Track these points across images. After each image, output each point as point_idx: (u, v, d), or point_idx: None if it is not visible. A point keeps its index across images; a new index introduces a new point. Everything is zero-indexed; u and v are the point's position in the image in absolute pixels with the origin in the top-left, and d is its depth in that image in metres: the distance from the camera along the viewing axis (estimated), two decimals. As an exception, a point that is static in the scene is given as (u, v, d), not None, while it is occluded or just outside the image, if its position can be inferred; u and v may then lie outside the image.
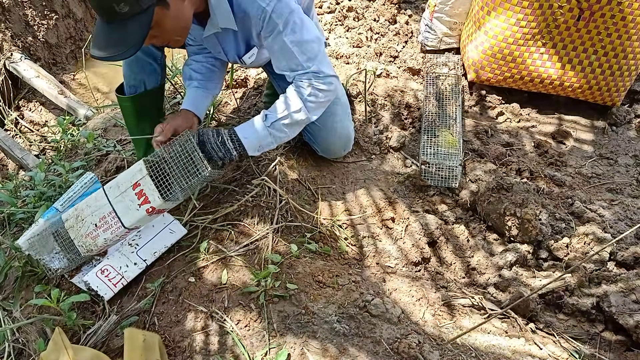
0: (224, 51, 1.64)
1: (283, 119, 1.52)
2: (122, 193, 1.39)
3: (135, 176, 1.39)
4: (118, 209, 1.38)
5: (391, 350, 1.19)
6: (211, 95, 1.77)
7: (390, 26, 2.78)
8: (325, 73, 1.50)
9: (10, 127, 2.93)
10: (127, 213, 1.37)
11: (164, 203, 1.36)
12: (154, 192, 1.35)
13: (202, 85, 1.72)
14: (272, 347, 1.20)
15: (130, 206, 1.37)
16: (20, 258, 1.47)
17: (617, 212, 1.82)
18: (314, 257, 1.43)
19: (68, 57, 3.47)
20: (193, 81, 1.73)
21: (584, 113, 2.39)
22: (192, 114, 1.64)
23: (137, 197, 1.37)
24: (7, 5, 3.07)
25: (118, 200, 1.39)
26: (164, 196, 1.35)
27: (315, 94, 1.50)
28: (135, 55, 1.65)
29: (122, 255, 1.44)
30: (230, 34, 1.54)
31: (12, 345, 1.28)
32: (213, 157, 1.49)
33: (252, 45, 1.60)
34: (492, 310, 1.47)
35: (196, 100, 1.68)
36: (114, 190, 1.40)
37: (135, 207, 1.37)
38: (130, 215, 1.37)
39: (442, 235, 1.74)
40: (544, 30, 2.11)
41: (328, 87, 1.52)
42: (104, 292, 1.38)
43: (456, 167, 1.84)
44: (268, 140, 1.54)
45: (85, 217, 1.41)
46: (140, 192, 1.37)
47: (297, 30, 1.44)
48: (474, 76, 2.35)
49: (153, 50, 1.65)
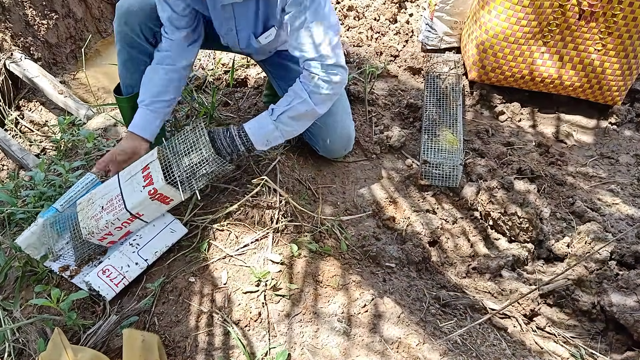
0: (235, 29, 1.57)
1: (289, 112, 1.51)
2: (131, 177, 1.42)
3: (146, 160, 1.44)
4: (125, 192, 1.40)
5: (392, 350, 1.19)
6: (162, 116, 1.64)
7: (390, 25, 2.78)
8: (336, 62, 1.47)
9: (10, 127, 2.93)
10: (132, 195, 1.38)
11: (166, 187, 1.36)
12: (159, 174, 1.37)
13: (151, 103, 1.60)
14: (272, 347, 1.20)
15: (135, 188, 1.39)
16: (20, 258, 1.47)
17: (618, 211, 1.82)
18: (314, 257, 1.43)
19: (68, 56, 3.47)
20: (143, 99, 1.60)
21: (584, 112, 2.38)
22: (138, 138, 1.58)
23: (143, 180, 1.39)
24: (7, 5, 3.07)
25: (127, 184, 1.41)
26: (167, 178, 1.37)
27: (322, 85, 1.47)
28: (130, 54, 1.65)
29: (123, 255, 1.44)
30: (251, 6, 1.49)
31: (12, 345, 1.28)
32: (222, 152, 1.50)
33: (270, 25, 1.56)
34: (493, 309, 1.46)
35: (144, 122, 1.59)
36: (126, 174, 1.44)
37: (139, 188, 1.38)
38: (133, 197, 1.38)
39: (443, 235, 1.74)
40: (545, 30, 2.11)
41: (335, 79, 1.48)
42: (105, 292, 1.38)
43: (457, 167, 1.83)
44: (275, 134, 1.53)
45: (96, 200, 1.44)
46: (147, 175, 1.40)
47: (321, 12, 1.43)
48: (475, 75, 2.34)
49: (148, 48, 1.64)
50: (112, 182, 1.46)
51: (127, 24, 1.58)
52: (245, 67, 2.54)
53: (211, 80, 2.51)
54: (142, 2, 1.57)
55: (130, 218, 1.39)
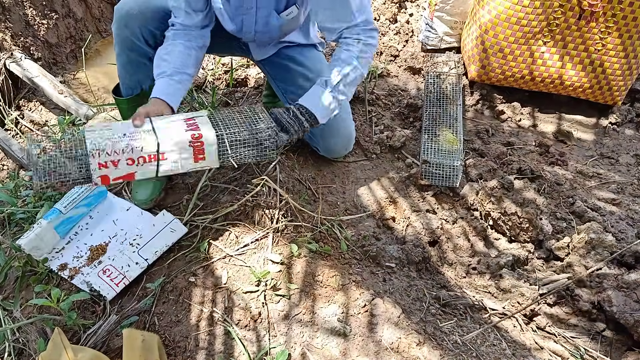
0: (256, 7, 1.55)
1: (343, 80, 1.52)
2: (171, 120, 1.31)
3: (190, 114, 1.35)
4: (159, 129, 1.27)
5: (392, 350, 1.19)
6: (186, 86, 1.57)
7: (390, 25, 2.78)
8: (372, 25, 1.52)
9: (10, 126, 2.92)
10: (167, 132, 1.26)
11: (213, 140, 1.28)
12: (208, 128, 1.28)
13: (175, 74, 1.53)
14: (272, 347, 1.20)
15: (173, 129, 1.27)
16: (20, 258, 1.47)
17: (618, 211, 1.82)
18: (314, 257, 1.43)
19: (68, 56, 3.46)
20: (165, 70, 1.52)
21: (585, 112, 2.38)
22: (164, 103, 1.45)
23: (186, 125, 1.29)
24: (7, 5, 3.06)
25: (162, 124, 1.30)
26: (218, 134, 1.29)
27: (365, 49, 1.52)
28: (129, 57, 1.63)
29: (123, 255, 1.44)
30: None
31: (13, 345, 1.28)
32: (290, 130, 1.47)
33: (291, 3, 1.56)
34: (493, 310, 1.46)
35: (169, 89, 1.49)
36: (161, 119, 1.33)
37: (181, 130, 1.27)
38: (169, 134, 1.26)
39: (443, 235, 1.74)
40: (545, 29, 2.11)
41: (374, 42, 1.54)
42: (106, 292, 1.38)
43: (457, 167, 1.83)
44: (334, 105, 1.54)
45: (116, 128, 1.30)
46: (192, 123, 1.29)
47: None
48: (475, 75, 2.34)
49: (147, 50, 1.63)
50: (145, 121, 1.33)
51: (127, 27, 1.56)
52: (245, 67, 2.54)
53: (211, 80, 2.51)
54: (142, 6, 1.56)
55: (152, 155, 1.25)
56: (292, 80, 1.79)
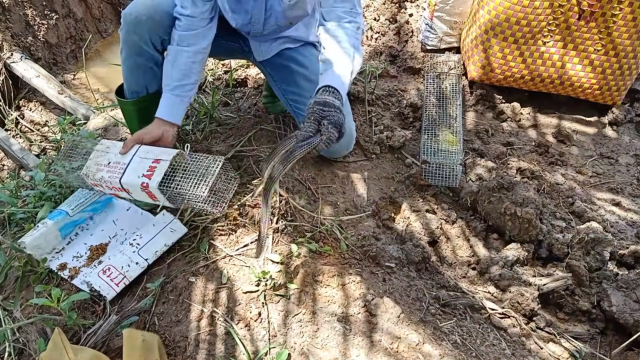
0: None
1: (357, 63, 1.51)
2: (145, 159, 1.47)
3: (163, 154, 1.47)
4: (130, 166, 1.46)
5: (391, 350, 1.19)
6: (187, 99, 1.66)
7: (390, 25, 2.78)
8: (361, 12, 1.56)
9: (10, 127, 2.92)
10: (132, 173, 1.44)
11: (156, 189, 1.40)
12: (159, 176, 1.40)
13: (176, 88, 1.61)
14: (272, 347, 1.20)
15: (138, 170, 1.44)
16: (20, 258, 1.47)
17: (617, 211, 1.82)
18: (314, 257, 1.43)
19: (68, 57, 3.46)
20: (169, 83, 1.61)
21: (584, 112, 2.38)
22: (166, 123, 1.60)
23: (147, 169, 1.43)
24: (7, 5, 3.06)
25: (136, 161, 1.47)
26: (161, 185, 1.40)
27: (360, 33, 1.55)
28: (137, 62, 1.65)
29: (123, 254, 1.44)
30: None
31: (13, 345, 1.28)
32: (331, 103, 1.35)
33: None
34: (493, 309, 1.46)
35: (171, 108, 1.61)
36: (143, 153, 1.49)
37: (139, 174, 1.43)
38: (131, 176, 1.43)
39: (443, 235, 1.74)
40: (545, 30, 2.11)
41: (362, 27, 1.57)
42: (106, 292, 1.38)
43: (457, 167, 1.83)
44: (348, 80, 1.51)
45: (111, 153, 1.52)
46: (153, 168, 1.44)
47: None
48: (475, 75, 2.34)
49: (155, 55, 1.64)
50: (132, 151, 1.52)
51: (136, 33, 1.56)
52: (245, 67, 2.54)
53: (211, 80, 2.51)
54: (151, 11, 1.55)
55: (120, 189, 1.46)
56: (293, 81, 1.79)
